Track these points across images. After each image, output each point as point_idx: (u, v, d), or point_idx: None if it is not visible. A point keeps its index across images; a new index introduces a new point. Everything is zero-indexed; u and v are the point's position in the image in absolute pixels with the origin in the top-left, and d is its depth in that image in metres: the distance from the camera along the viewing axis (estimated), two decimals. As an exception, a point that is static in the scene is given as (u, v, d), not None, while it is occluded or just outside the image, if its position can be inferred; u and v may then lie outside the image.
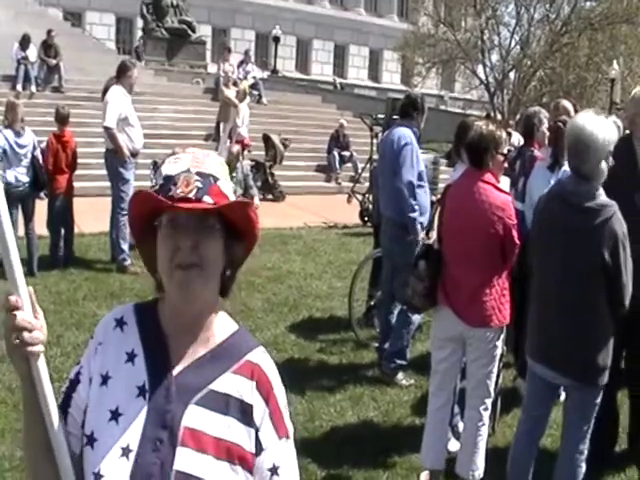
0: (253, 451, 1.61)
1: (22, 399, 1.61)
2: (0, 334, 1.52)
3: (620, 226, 3.68)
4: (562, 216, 3.81)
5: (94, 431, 1.62)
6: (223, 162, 1.71)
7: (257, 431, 1.62)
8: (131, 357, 1.66)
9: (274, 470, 1.64)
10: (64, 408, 1.66)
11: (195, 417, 1.60)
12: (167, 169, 1.62)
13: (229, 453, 1.59)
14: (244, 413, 1.62)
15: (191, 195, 1.57)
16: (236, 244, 1.68)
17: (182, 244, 1.57)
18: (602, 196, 3.75)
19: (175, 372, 1.64)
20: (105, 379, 1.65)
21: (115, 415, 1.61)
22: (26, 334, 1.49)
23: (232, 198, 1.64)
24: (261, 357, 1.70)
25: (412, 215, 6.15)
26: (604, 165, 3.73)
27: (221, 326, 1.72)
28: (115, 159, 9.21)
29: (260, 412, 1.63)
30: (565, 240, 3.77)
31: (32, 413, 1.59)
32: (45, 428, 1.58)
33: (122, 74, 9.48)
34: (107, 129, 9.16)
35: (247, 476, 1.60)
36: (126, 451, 1.57)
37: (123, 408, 1.61)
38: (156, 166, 11.76)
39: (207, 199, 1.58)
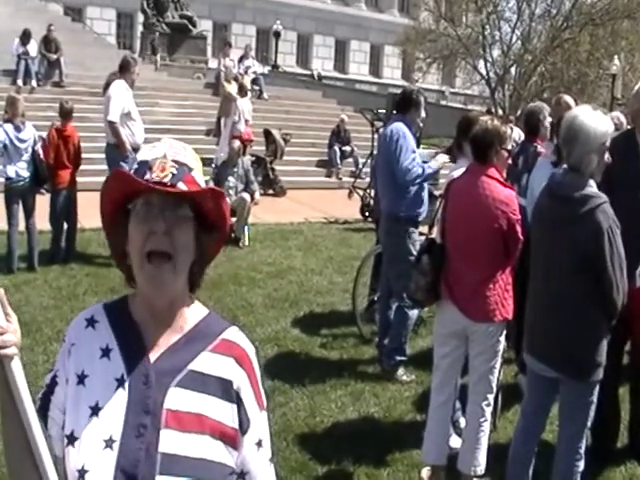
0: (236, 426, 1.64)
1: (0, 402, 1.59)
2: None
3: (606, 218, 3.57)
4: (548, 208, 3.79)
5: (74, 430, 1.62)
6: (198, 158, 1.71)
7: (240, 406, 1.65)
8: (106, 352, 1.67)
9: (259, 443, 1.70)
10: (43, 412, 1.66)
11: (176, 399, 1.61)
12: (142, 155, 1.65)
13: (212, 430, 1.61)
14: (224, 390, 1.65)
15: (166, 180, 1.58)
16: (207, 236, 1.68)
17: (156, 228, 1.58)
18: (591, 188, 3.66)
19: (152, 359, 1.65)
20: (81, 378, 1.65)
21: (95, 410, 1.61)
22: None
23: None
24: (236, 335, 1.74)
25: (402, 208, 6.14)
26: (595, 157, 3.64)
27: (192, 312, 1.73)
28: (117, 153, 9.20)
29: (242, 388, 1.67)
30: (551, 232, 3.75)
31: (9, 415, 1.58)
32: (24, 430, 1.57)
33: (124, 70, 9.51)
34: (111, 123, 9.16)
35: (230, 451, 1.63)
36: (109, 442, 1.57)
37: (103, 402, 1.61)
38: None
39: (181, 185, 1.59)
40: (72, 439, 1.61)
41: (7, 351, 1.51)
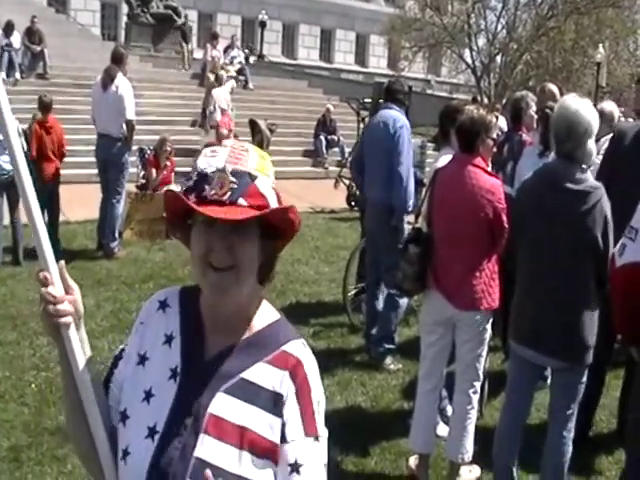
0: (279, 442, 1.55)
1: (60, 366, 1.64)
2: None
3: (608, 207, 3.71)
4: (553, 199, 3.80)
5: (127, 408, 1.63)
6: (264, 155, 1.61)
7: (284, 423, 1.56)
8: (169, 339, 1.66)
9: (295, 467, 1.54)
10: (107, 382, 1.70)
11: (222, 405, 1.56)
12: (202, 164, 1.54)
13: (252, 445, 1.53)
14: (274, 403, 1.57)
15: (225, 198, 1.49)
16: (273, 241, 1.62)
17: (216, 245, 1.51)
18: (591, 179, 3.78)
19: (208, 359, 1.61)
20: (143, 359, 1.66)
21: (148, 396, 1.61)
22: (50, 306, 1.56)
23: (270, 196, 1.55)
24: (299, 349, 1.64)
25: (407, 202, 6.14)
26: (594, 147, 3.78)
27: (260, 315, 1.67)
28: (125, 148, 9.43)
29: (287, 402, 1.57)
30: (556, 223, 3.77)
31: (67, 380, 1.62)
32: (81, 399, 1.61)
33: (118, 61, 9.56)
34: (131, 121, 9.38)
35: (272, 467, 1.55)
36: (152, 432, 1.57)
37: (156, 389, 1.61)
38: (142, 153, 11.71)
39: (242, 201, 1.50)
40: (124, 417, 1.63)
41: (61, 320, 1.55)
